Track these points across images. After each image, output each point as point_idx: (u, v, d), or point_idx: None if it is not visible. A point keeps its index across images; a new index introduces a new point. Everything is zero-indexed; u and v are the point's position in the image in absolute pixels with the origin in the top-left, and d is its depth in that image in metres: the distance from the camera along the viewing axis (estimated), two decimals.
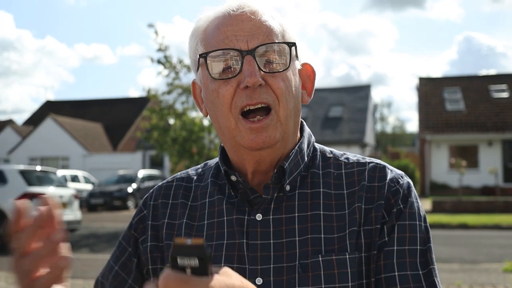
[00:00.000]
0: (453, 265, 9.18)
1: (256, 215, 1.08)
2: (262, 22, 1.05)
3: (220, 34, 1.05)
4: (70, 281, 4.82)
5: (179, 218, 1.17)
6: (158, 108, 15.30)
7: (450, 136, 27.09)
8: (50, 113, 39.16)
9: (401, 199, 1.08)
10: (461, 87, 29.96)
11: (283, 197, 1.10)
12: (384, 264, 1.04)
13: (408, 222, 1.06)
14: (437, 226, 14.98)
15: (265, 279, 1.04)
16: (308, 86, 1.17)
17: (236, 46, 1.03)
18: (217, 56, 1.05)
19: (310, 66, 1.17)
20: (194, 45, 1.11)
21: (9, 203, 11.78)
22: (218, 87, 1.05)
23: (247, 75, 1.01)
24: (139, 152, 34.72)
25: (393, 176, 1.11)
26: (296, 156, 1.12)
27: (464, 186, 24.07)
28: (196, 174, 1.24)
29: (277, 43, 1.05)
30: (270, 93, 1.04)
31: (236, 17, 1.05)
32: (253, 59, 1.02)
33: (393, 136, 64.31)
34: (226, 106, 1.05)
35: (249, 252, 1.07)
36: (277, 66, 1.05)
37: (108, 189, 23.64)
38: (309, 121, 34.10)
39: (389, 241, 1.05)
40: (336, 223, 1.07)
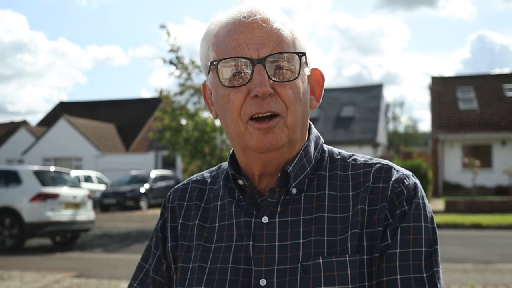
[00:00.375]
0: (467, 265, 9.12)
1: (262, 217, 1.11)
2: (273, 30, 1.07)
3: (231, 41, 1.07)
4: (83, 280, 4.92)
5: (193, 220, 1.21)
6: (170, 108, 15.36)
7: (463, 136, 26.89)
8: (63, 114, 39.47)
9: (406, 200, 1.08)
10: (474, 86, 29.73)
11: (289, 200, 1.11)
12: (386, 267, 1.04)
13: (412, 224, 1.05)
14: (451, 226, 14.89)
15: (269, 280, 1.06)
16: (317, 91, 1.18)
17: (247, 55, 1.05)
18: (227, 63, 1.06)
19: (319, 71, 1.18)
20: (206, 50, 1.13)
21: (24, 203, 11.91)
22: (229, 93, 1.07)
23: (257, 84, 1.03)
24: (152, 152, 34.87)
25: (398, 176, 1.11)
26: (301, 160, 1.13)
27: (478, 186, 23.89)
28: (211, 177, 1.27)
29: (287, 53, 1.06)
30: (279, 102, 1.05)
31: (248, 24, 1.07)
32: (263, 68, 1.04)
33: (406, 135, 63.92)
34: (236, 112, 1.07)
35: (255, 254, 1.09)
36: (286, 75, 1.07)
37: (120, 190, 23.78)
38: (321, 121, 34.03)
39: (392, 244, 1.05)
40: (340, 225, 1.08)
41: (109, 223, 17.68)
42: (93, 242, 13.45)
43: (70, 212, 12.39)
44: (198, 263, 1.15)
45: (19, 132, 41.00)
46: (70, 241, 13.10)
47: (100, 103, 46.76)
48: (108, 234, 14.86)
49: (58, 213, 12.05)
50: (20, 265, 9.88)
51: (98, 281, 8.12)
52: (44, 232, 12.02)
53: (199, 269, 1.14)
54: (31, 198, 11.90)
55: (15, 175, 12.31)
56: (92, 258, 10.84)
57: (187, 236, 1.20)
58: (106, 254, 11.38)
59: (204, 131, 14.60)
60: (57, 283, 8.01)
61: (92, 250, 12.15)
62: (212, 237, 1.16)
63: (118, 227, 16.47)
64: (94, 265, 9.78)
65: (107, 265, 9.78)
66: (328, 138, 31.24)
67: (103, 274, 8.77)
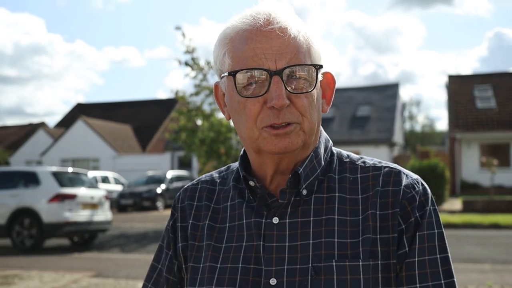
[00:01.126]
0: (484, 265, 9.04)
1: (273, 218, 1.12)
2: (290, 40, 1.07)
3: (248, 50, 1.07)
4: (101, 280, 4.98)
5: (203, 220, 1.22)
6: (186, 109, 15.43)
7: (481, 135, 26.62)
8: (81, 116, 39.85)
9: (418, 207, 1.10)
10: (492, 84, 29.39)
11: (300, 201, 1.13)
12: (406, 276, 1.07)
13: (426, 232, 1.09)
14: (468, 226, 14.75)
15: (279, 279, 1.08)
16: (328, 94, 1.19)
17: (265, 66, 1.06)
18: (245, 73, 1.07)
19: (330, 75, 1.19)
20: (221, 55, 1.12)
21: (42, 203, 12.06)
22: (245, 101, 1.08)
23: (275, 97, 1.04)
24: (168, 153, 35.05)
25: (409, 182, 1.12)
26: (312, 161, 1.15)
27: (496, 185, 23.62)
28: (220, 178, 1.29)
29: (305, 65, 1.07)
30: (294, 112, 1.07)
31: (266, 33, 1.07)
32: (280, 80, 1.05)
33: (423, 135, 63.43)
34: (251, 120, 1.08)
35: (265, 253, 1.10)
36: (303, 85, 1.08)
37: (137, 190, 23.93)
38: (337, 121, 33.90)
39: (410, 253, 1.08)
40: (350, 228, 1.10)
41: (126, 224, 17.82)
42: (111, 242, 13.57)
43: (87, 213, 12.52)
44: (209, 263, 1.16)
45: (37, 133, 41.49)
46: (88, 241, 13.24)
47: (117, 104, 47.12)
48: (125, 234, 14.98)
49: (76, 214, 12.19)
50: (39, 265, 10.02)
51: (116, 281, 8.20)
52: (62, 233, 12.16)
53: (209, 268, 1.16)
54: (49, 199, 12.05)
55: (34, 176, 12.47)
56: (109, 258, 10.94)
57: (197, 236, 1.21)
58: (123, 254, 11.48)
59: (220, 132, 14.64)
60: (75, 283, 8.11)
61: (110, 250, 12.26)
62: (223, 237, 1.18)
63: (135, 227, 16.59)
64: (111, 265, 9.87)
65: (124, 265, 9.87)
66: (343, 138, 31.12)
67: (120, 274, 8.86)
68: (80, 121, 38.26)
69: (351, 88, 38.38)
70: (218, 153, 14.89)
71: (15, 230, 12.16)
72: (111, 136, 38.33)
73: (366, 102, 35.47)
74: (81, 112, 44.49)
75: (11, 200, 12.23)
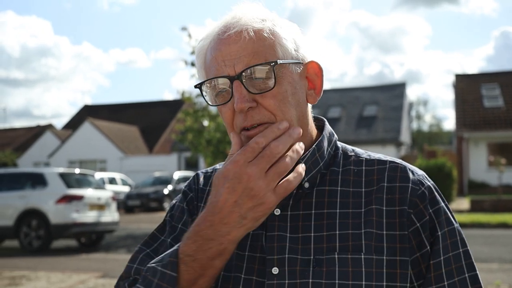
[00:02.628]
0: (492, 264, 8.99)
1: (274, 210, 1.13)
2: (248, 42, 1.07)
3: (212, 61, 1.11)
4: (108, 281, 4.93)
5: None
6: (192, 110, 15.44)
7: (488, 134, 26.48)
8: (88, 117, 40.03)
9: (430, 204, 1.11)
10: (499, 83, 29.23)
11: (301, 194, 1.14)
12: (434, 276, 1.09)
13: (446, 229, 1.11)
14: (476, 226, 14.67)
15: (281, 268, 1.09)
16: (317, 83, 1.18)
17: (225, 72, 1.08)
18: (210, 83, 1.11)
19: (316, 64, 1.17)
20: (200, 68, 1.18)
21: (50, 205, 12.11)
22: (221, 108, 1.12)
23: (236, 101, 1.06)
24: (174, 154, 35.12)
25: (416, 178, 1.13)
26: (314, 155, 1.15)
27: (504, 184, 23.47)
28: None
29: (259, 65, 1.07)
30: (263, 113, 1.08)
31: (223, 41, 1.09)
32: (240, 84, 1.07)
33: (430, 134, 63.21)
34: (229, 126, 1.12)
35: (267, 242, 1.12)
36: (266, 84, 1.07)
37: (144, 191, 23.99)
38: (344, 121, 33.83)
39: (435, 253, 1.09)
40: (352, 219, 1.10)
41: (133, 224, 17.86)
42: (118, 243, 13.60)
43: (94, 214, 12.56)
44: None
45: (45, 135, 41.70)
46: (95, 242, 13.28)
47: (124, 105, 47.28)
48: (132, 235, 15.01)
49: (83, 215, 12.23)
50: (46, 265, 10.06)
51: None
52: (70, 234, 12.20)
53: None
54: (57, 200, 12.10)
55: (41, 177, 12.53)
56: (116, 259, 10.96)
57: None
58: (130, 255, 11.47)
59: (226, 132, 14.63)
60: (82, 284, 8.14)
61: (117, 251, 12.29)
62: None
63: (142, 228, 16.62)
64: (118, 266, 9.89)
65: None
66: (350, 137, 31.05)
67: None
68: (87, 122, 38.41)
69: (358, 87, 38.31)
70: (225, 153, 14.89)
71: (22, 231, 12.22)
72: (118, 138, 38.45)
73: (373, 101, 35.38)
74: (88, 113, 44.68)
75: (18, 202, 12.30)
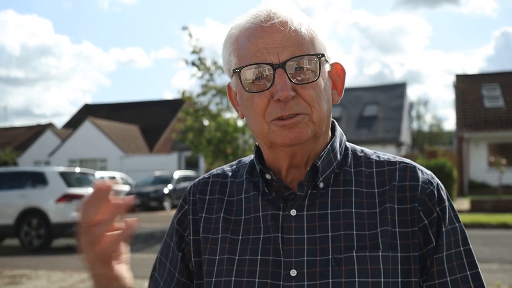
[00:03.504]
0: (493, 265, 9.00)
1: (290, 211, 1.14)
2: (292, 33, 1.09)
3: (251, 47, 1.10)
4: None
5: (216, 213, 1.23)
6: (193, 109, 15.45)
7: (489, 134, 26.46)
8: (88, 116, 40.03)
9: (437, 202, 1.14)
10: (500, 84, 29.21)
11: (316, 194, 1.15)
12: (437, 271, 1.11)
13: (449, 227, 1.14)
14: (476, 226, 14.66)
15: (299, 270, 1.09)
16: (339, 85, 1.20)
17: (268, 60, 1.08)
18: (249, 69, 1.10)
19: (340, 65, 1.20)
20: (227, 55, 1.16)
21: (50, 204, 12.12)
22: (253, 97, 1.10)
23: (279, 89, 1.06)
24: (175, 153, 35.12)
25: (425, 177, 1.16)
26: (329, 155, 1.17)
27: (504, 184, 23.46)
28: (231, 171, 1.30)
29: (307, 55, 1.09)
30: (301, 103, 1.08)
31: (266, 29, 1.09)
32: (284, 73, 1.07)
33: (430, 134, 63.22)
34: (260, 115, 1.10)
35: (284, 245, 1.12)
36: (307, 76, 1.09)
37: (144, 190, 23.99)
38: (344, 120, 33.83)
39: (438, 248, 1.12)
40: (368, 220, 1.12)
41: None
42: None
43: None
44: (226, 255, 1.17)
45: (45, 134, 41.70)
46: None
47: (124, 105, 47.28)
48: (132, 234, 14.99)
49: None
50: (47, 264, 10.07)
51: None
52: (70, 232, 12.19)
53: (228, 260, 1.16)
54: (57, 199, 12.11)
55: (42, 176, 12.54)
56: None
57: (211, 228, 1.22)
58: (130, 254, 11.46)
59: (227, 132, 14.65)
60: (82, 283, 8.14)
61: None
62: (239, 229, 1.19)
63: (142, 227, 16.63)
64: None
65: (131, 265, 9.72)
66: (351, 137, 31.05)
67: None
68: (87, 121, 38.42)
69: (358, 87, 38.30)
70: (225, 153, 14.90)
71: (23, 230, 12.23)
72: (119, 137, 38.45)
73: (374, 101, 35.39)
74: (89, 112, 44.68)
75: (19, 200, 12.31)
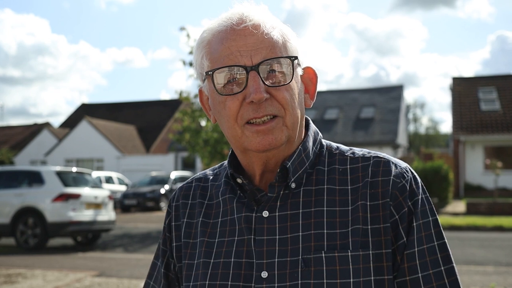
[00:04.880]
0: (488, 267, 9.02)
1: (262, 212, 1.14)
2: (265, 35, 1.09)
3: (224, 50, 1.09)
4: (104, 279, 5.03)
5: (197, 217, 1.24)
6: (190, 110, 15.46)
7: (485, 137, 26.55)
8: (85, 116, 39.95)
9: (409, 196, 1.12)
10: (496, 87, 29.32)
11: (289, 194, 1.14)
12: (408, 267, 1.09)
13: (421, 221, 1.11)
14: (472, 228, 14.71)
15: (270, 272, 1.09)
16: (311, 89, 1.21)
17: (241, 62, 1.08)
18: (222, 72, 1.09)
19: (312, 70, 1.20)
20: (200, 59, 1.15)
21: (46, 203, 12.10)
22: (225, 100, 1.10)
23: (252, 91, 1.06)
24: (172, 153, 35.10)
25: (398, 171, 1.14)
26: (300, 155, 1.16)
27: (500, 187, 23.55)
28: (213, 174, 1.31)
29: (280, 58, 1.09)
30: (275, 105, 1.08)
31: (239, 32, 1.09)
32: (257, 75, 1.07)
33: (427, 137, 63.32)
34: (232, 118, 1.10)
35: (256, 247, 1.12)
36: (281, 78, 1.09)
37: (141, 190, 23.97)
38: (341, 122, 33.88)
39: (409, 244, 1.10)
40: (339, 218, 1.11)
41: (129, 224, 17.85)
42: (114, 242, 13.60)
43: (91, 212, 12.55)
44: (203, 259, 1.18)
45: (42, 133, 41.61)
46: (92, 241, 13.27)
47: (121, 105, 47.21)
48: (129, 234, 15.00)
49: (79, 213, 12.23)
50: (42, 264, 10.05)
51: (119, 280, 8.22)
52: (66, 232, 12.19)
53: (203, 264, 1.17)
54: (53, 198, 12.09)
55: (38, 175, 12.52)
56: (112, 258, 10.96)
57: (191, 233, 1.23)
58: (127, 254, 11.50)
59: (223, 133, 14.67)
60: (78, 282, 8.14)
61: (113, 250, 12.29)
62: (215, 232, 1.20)
63: (139, 228, 16.62)
64: (114, 265, 9.90)
65: (127, 265, 9.89)
66: (347, 139, 31.10)
67: (124, 274, 8.87)
68: (84, 121, 38.36)
69: (355, 89, 38.36)
70: (222, 153, 14.91)
71: (19, 229, 12.20)
72: (115, 137, 38.40)
73: (370, 104, 35.44)
74: (86, 112, 44.61)
75: (15, 200, 12.28)
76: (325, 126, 33.25)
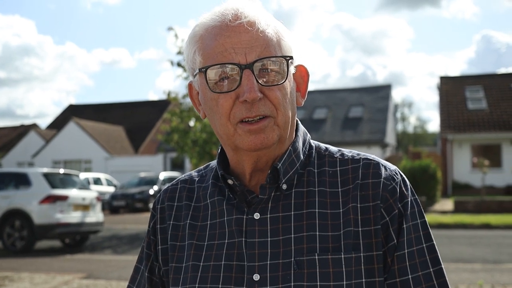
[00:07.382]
0: (475, 265, 9.08)
1: (254, 214, 1.12)
2: (259, 33, 1.07)
3: (218, 46, 1.07)
4: (92, 281, 5.01)
5: (183, 220, 1.22)
6: (178, 110, 15.42)
7: (472, 135, 26.76)
8: (72, 117, 39.70)
9: (399, 198, 1.11)
10: (483, 86, 29.57)
11: (280, 196, 1.13)
12: (398, 269, 1.09)
13: (411, 223, 1.11)
14: (460, 226, 14.82)
15: (262, 275, 1.08)
16: (302, 87, 1.19)
17: (235, 60, 1.05)
18: (215, 68, 1.07)
19: (304, 68, 1.18)
20: (192, 53, 1.12)
21: (34, 205, 12.00)
22: (217, 97, 1.08)
23: (246, 90, 1.04)
24: (160, 154, 34.99)
25: (388, 173, 1.13)
26: (290, 156, 1.14)
27: (487, 185, 23.74)
28: (199, 176, 1.28)
29: (275, 57, 1.07)
30: (268, 105, 1.06)
31: (234, 28, 1.06)
32: (251, 74, 1.05)
33: (415, 136, 63.70)
34: (224, 116, 1.08)
35: (247, 249, 1.10)
36: (274, 77, 1.07)
37: (129, 192, 23.87)
38: (329, 122, 33.98)
39: (399, 245, 1.10)
40: (331, 221, 1.10)
41: (118, 225, 17.76)
42: (102, 243, 13.52)
43: (79, 214, 12.46)
44: (192, 262, 1.16)
45: (29, 135, 41.29)
46: (80, 242, 13.18)
47: (109, 105, 46.98)
48: (117, 235, 14.93)
49: (67, 215, 12.13)
50: (29, 266, 9.96)
51: (107, 282, 8.17)
52: (54, 234, 12.09)
53: (192, 267, 1.15)
54: (40, 200, 11.98)
55: (25, 177, 12.40)
56: (101, 260, 10.90)
57: (178, 236, 1.21)
58: (115, 256, 11.44)
59: (212, 133, 14.64)
60: (66, 285, 8.07)
61: (101, 251, 12.21)
62: (204, 235, 1.17)
63: (127, 229, 16.54)
64: (103, 266, 9.84)
65: (116, 266, 9.83)
66: (336, 138, 31.19)
67: (112, 275, 8.82)
68: (72, 122, 38.12)
69: (344, 89, 38.50)
70: (211, 154, 14.88)
71: (6, 232, 12.08)
72: (103, 138, 38.19)
73: (359, 103, 35.59)
74: (73, 113, 44.33)
75: (1, 202, 12.15)
76: (314, 126, 33.32)
